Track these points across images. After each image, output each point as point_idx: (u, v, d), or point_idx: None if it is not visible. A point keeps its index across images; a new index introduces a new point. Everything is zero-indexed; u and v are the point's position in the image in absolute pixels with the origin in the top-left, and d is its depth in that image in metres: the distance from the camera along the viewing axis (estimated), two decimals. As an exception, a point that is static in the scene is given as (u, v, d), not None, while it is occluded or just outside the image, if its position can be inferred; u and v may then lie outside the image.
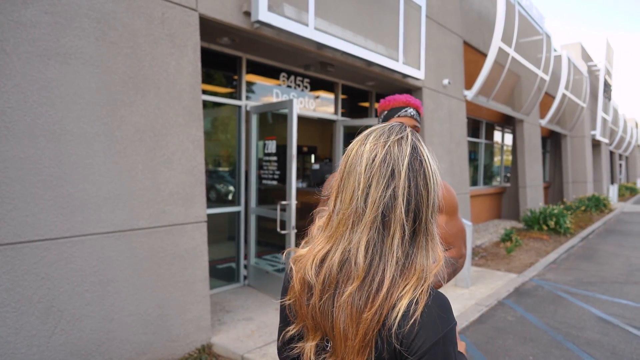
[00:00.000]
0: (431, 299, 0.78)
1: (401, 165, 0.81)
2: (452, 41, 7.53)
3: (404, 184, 0.80)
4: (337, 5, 4.71)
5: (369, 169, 0.82)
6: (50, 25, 2.64)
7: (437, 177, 0.85)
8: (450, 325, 0.78)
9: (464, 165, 7.91)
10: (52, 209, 2.64)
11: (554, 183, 16.84)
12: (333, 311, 0.82)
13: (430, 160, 0.85)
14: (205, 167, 4.94)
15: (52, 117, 2.64)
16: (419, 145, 0.85)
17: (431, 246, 0.84)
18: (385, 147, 0.83)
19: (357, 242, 0.81)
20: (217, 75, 4.90)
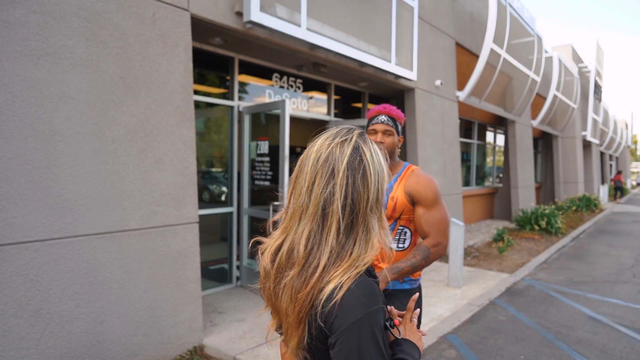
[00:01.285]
0: (355, 284, 0.85)
1: (340, 164, 0.90)
2: (445, 42, 7.57)
3: (342, 182, 0.89)
4: (330, 6, 4.72)
5: (314, 168, 0.91)
6: (39, 24, 2.61)
7: (378, 176, 0.93)
8: (369, 309, 0.84)
9: (456, 165, 7.94)
10: (41, 210, 2.61)
11: (545, 183, 16.97)
12: (279, 292, 0.93)
13: (372, 160, 0.93)
14: (197, 168, 4.92)
15: (42, 117, 2.62)
16: (362, 147, 0.93)
17: (368, 237, 0.91)
18: (329, 148, 0.92)
19: (300, 232, 0.91)
20: (209, 75, 4.89)
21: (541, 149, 16.94)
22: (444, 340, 3.83)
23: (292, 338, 0.91)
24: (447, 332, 3.98)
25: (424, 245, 1.95)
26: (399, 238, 2.02)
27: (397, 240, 2.02)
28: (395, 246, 2.02)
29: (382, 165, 0.95)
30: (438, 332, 3.96)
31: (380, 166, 0.94)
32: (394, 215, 1.99)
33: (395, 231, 2.01)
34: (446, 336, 3.91)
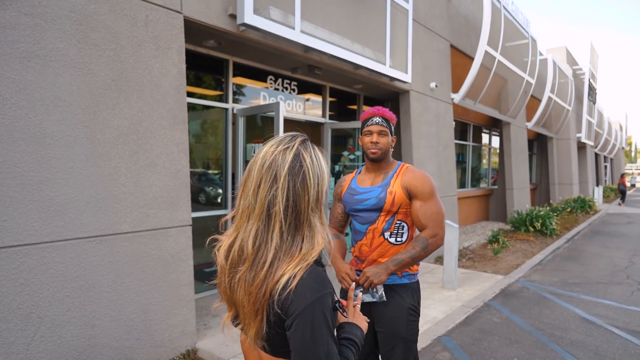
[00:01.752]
0: (306, 273, 0.97)
1: (282, 170, 1.01)
2: (439, 45, 7.59)
3: (284, 186, 1.00)
4: (324, 9, 4.72)
5: (259, 173, 1.03)
6: (30, 27, 2.60)
7: (318, 179, 1.04)
8: (320, 293, 0.96)
9: (451, 167, 7.96)
10: (32, 213, 2.59)
11: (540, 185, 17.04)
12: (234, 286, 1.05)
13: (312, 165, 1.03)
14: (192, 170, 4.91)
15: (32, 120, 2.60)
16: (302, 153, 1.04)
17: (312, 234, 1.03)
18: (272, 155, 1.03)
19: (249, 231, 1.02)
20: (203, 78, 4.88)
21: (536, 150, 17.01)
22: (438, 342, 3.83)
23: (251, 327, 1.02)
24: (441, 335, 3.98)
25: (422, 236, 2.03)
26: (396, 232, 2.08)
27: (395, 234, 2.08)
28: (394, 240, 2.08)
29: (323, 169, 1.06)
30: (432, 334, 3.96)
31: (320, 170, 1.05)
32: (392, 210, 2.05)
33: (393, 225, 2.07)
34: (440, 338, 3.91)
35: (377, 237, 2.08)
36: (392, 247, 2.07)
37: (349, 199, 2.17)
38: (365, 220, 2.10)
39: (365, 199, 2.10)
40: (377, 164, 2.15)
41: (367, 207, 2.09)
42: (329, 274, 3.63)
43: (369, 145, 2.11)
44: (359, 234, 2.15)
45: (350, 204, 2.16)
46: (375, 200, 2.06)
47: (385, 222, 2.07)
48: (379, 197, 2.06)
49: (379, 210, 2.06)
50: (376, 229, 2.08)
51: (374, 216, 2.08)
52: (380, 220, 2.07)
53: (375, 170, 2.17)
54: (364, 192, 2.12)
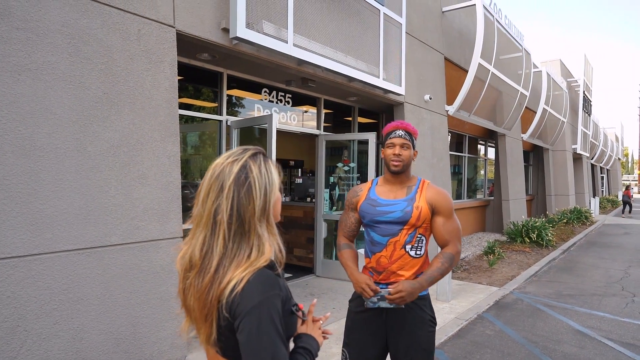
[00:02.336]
0: (254, 276, 1.01)
1: (228, 180, 1.06)
2: (434, 57, 7.67)
3: (228, 195, 1.05)
4: (317, 22, 4.77)
5: (209, 183, 1.08)
6: (21, 41, 2.63)
7: (265, 190, 1.08)
8: (266, 295, 1.00)
9: (446, 179, 7.98)
10: (20, 225, 2.59)
11: (537, 196, 17.07)
12: (187, 293, 1.09)
13: (260, 176, 1.08)
14: (185, 182, 4.91)
15: (22, 133, 2.62)
16: (250, 165, 1.09)
17: (260, 243, 1.06)
18: (221, 166, 1.09)
19: (197, 238, 1.08)
20: (198, 90, 4.91)
21: (532, 161, 17.08)
22: (430, 355, 3.81)
23: (201, 332, 1.06)
24: (433, 347, 3.95)
25: (448, 252, 2.08)
26: (417, 245, 2.10)
27: (416, 247, 2.10)
28: (414, 253, 2.10)
29: (272, 181, 1.11)
30: (424, 347, 3.93)
31: (269, 181, 1.10)
32: (416, 224, 2.08)
33: (415, 239, 2.09)
34: (432, 351, 3.88)
35: (398, 250, 2.08)
36: (412, 259, 2.09)
37: (369, 210, 2.16)
38: (386, 232, 2.10)
39: (389, 212, 2.10)
40: (398, 176, 2.16)
41: (391, 219, 2.09)
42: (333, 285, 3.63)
43: (391, 157, 2.13)
44: (378, 245, 2.13)
45: (371, 215, 2.14)
46: (400, 214, 2.08)
47: (408, 235, 2.08)
48: (405, 210, 2.08)
49: (403, 223, 2.08)
50: (398, 241, 2.08)
51: (396, 229, 2.08)
52: (402, 233, 2.08)
53: (396, 183, 2.18)
54: (387, 204, 2.12)
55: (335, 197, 6.67)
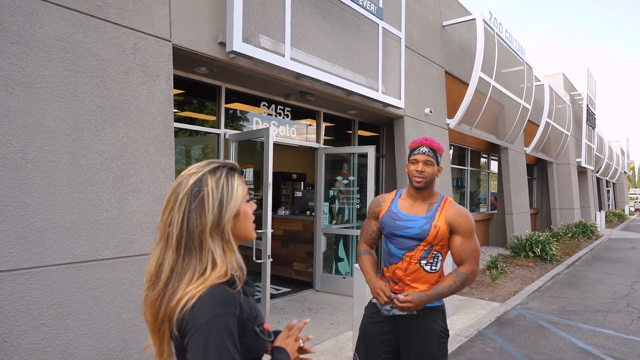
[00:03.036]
0: (205, 293, 0.99)
1: (182, 193, 1.06)
2: (434, 71, 7.68)
3: (180, 208, 1.05)
4: (315, 37, 4.80)
5: (169, 197, 1.09)
6: (15, 55, 2.64)
7: (220, 205, 1.06)
8: (215, 312, 0.97)
9: (447, 192, 7.93)
10: (9, 239, 2.58)
11: (541, 210, 16.92)
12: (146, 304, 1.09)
13: (216, 190, 1.06)
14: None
15: (14, 146, 2.62)
16: (207, 179, 1.07)
17: (213, 258, 1.04)
18: (180, 179, 1.09)
19: (155, 250, 1.08)
20: (196, 103, 4.93)
21: (536, 175, 16.97)
22: (428, 373, 3.72)
23: (155, 346, 1.05)
24: (432, 365, 3.87)
25: (463, 272, 2.13)
26: (432, 261, 2.17)
27: (431, 263, 2.16)
28: (429, 268, 2.16)
29: (231, 196, 1.08)
30: (423, 364, 3.85)
31: (227, 196, 1.07)
32: (433, 242, 2.14)
33: (431, 255, 2.15)
34: (431, 369, 3.80)
35: (413, 264, 2.16)
36: (427, 274, 2.15)
37: (389, 222, 2.22)
38: (403, 246, 2.16)
39: (407, 227, 2.16)
40: (421, 192, 2.20)
41: (408, 234, 2.15)
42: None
43: (414, 173, 2.18)
44: (395, 257, 2.20)
45: (390, 228, 2.21)
46: (418, 231, 2.13)
47: (423, 251, 2.14)
48: (423, 228, 2.13)
49: (419, 240, 2.13)
50: (413, 256, 2.15)
51: (412, 244, 2.15)
52: (418, 249, 2.14)
53: (418, 199, 2.23)
54: (407, 219, 2.19)
55: (335, 210, 6.63)
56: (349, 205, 6.58)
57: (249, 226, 1.15)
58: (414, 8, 7.07)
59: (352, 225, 6.54)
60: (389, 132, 7.52)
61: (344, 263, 6.45)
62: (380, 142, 8.02)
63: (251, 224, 1.16)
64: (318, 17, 4.84)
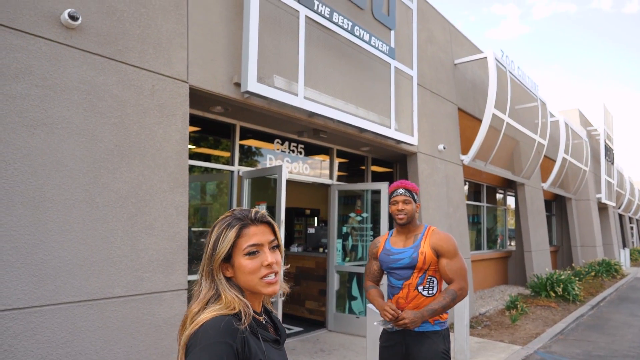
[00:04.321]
0: (207, 322, 1.09)
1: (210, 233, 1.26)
2: (447, 108, 7.73)
3: (205, 244, 1.24)
4: (327, 76, 4.91)
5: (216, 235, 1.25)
6: (39, 97, 2.76)
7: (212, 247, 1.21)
8: (211, 340, 1.06)
9: (463, 229, 7.80)
10: (23, 276, 2.60)
11: (562, 247, 16.45)
12: None
13: (214, 235, 1.22)
14: (194, 231, 4.92)
15: (33, 185, 2.69)
16: (217, 224, 1.25)
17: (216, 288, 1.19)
18: None
19: None
20: (211, 141, 5.03)
21: (555, 211, 16.61)
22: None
23: None
24: (449, 413, 3.68)
25: (451, 289, 2.44)
26: (428, 286, 2.48)
27: (427, 287, 2.48)
28: (427, 293, 2.47)
29: (219, 245, 1.21)
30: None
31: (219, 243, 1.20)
32: (424, 267, 2.47)
33: (425, 280, 2.48)
34: (448, 417, 3.61)
35: (412, 291, 2.48)
36: (426, 299, 2.46)
37: (385, 259, 2.59)
38: (401, 277, 2.50)
39: (399, 259, 2.51)
40: (406, 227, 2.56)
41: (402, 265, 2.49)
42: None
43: (396, 212, 2.54)
44: (395, 288, 2.53)
45: (387, 263, 2.57)
46: (408, 260, 2.47)
47: (418, 277, 2.47)
48: (412, 256, 2.47)
49: (412, 268, 2.47)
50: (411, 284, 2.47)
51: (408, 273, 2.48)
52: (414, 276, 2.47)
53: (405, 233, 2.59)
54: (398, 252, 2.54)
55: (348, 247, 6.56)
56: (362, 242, 6.51)
57: (248, 279, 1.20)
58: (425, 47, 7.21)
59: (366, 263, 6.43)
60: (403, 168, 7.52)
61: (358, 302, 6.31)
62: (394, 178, 8.00)
63: (255, 278, 1.20)
64: (331, 57, 4.97)
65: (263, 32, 4.11)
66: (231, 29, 4.04)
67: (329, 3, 4.90)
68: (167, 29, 3.51)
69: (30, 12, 2.76)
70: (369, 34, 5.43)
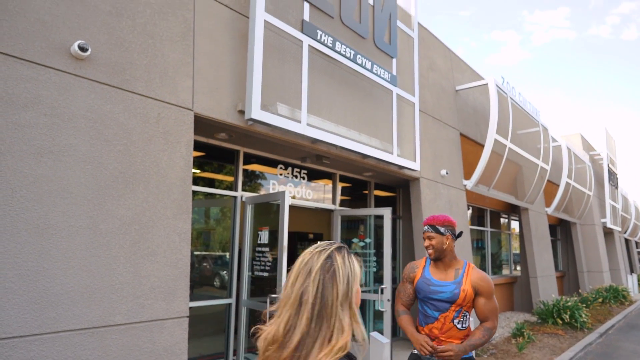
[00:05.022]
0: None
1: (315, 266, 1.20)
2: (449, 134, 7.79)
3: (315, 278, 1.17)
4: (330, 103, 4.98)
5: (298, 268, 1.22)
6: (47, 125, 2.82)
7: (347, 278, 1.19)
8: None
9: (467, 254, 7.73)
10: (25, 304, 2.60)
11: (568, 272, 16.23)
12: None
13: (343, 266, 1.21)
14: (197, 257, 4.92)
15: (38, 212, 2.71)
16: (335, 255, 1.23)
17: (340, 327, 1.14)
18: (310, 255, 1.24)
19: (283, 316, 1.17)
20: (215, 167, 5.08)
21: (560, 236, 16.47)
22: None
23: None
24: None
25: (488, 327, 2.62)
26: (462, 320, 2.64)
27: (462, 322, 2.64)
28: (461, 326, 2.63)
29: (355, 272, 1.23)
30: None
31: (352, 271, 1.22)
32: (462, 304, 2.60)
33: (461, 315, 2.63)
34: None
35: (447, 323, 2.62)
36: (459, 331, 2.61)
37: (424, 288, 2.69)
38: (438, 309, 2.63)
39: (440, 292, 2.63)
40: (441, 261, 2.70)
41: (441, 298, 2.61)
42: None
43: (426, 249, 2.70)
44: (430, 318, 2.66)
45: (425, 292, 2.68)
46: (449, 295, 2.60)
47: (455, 311, 2.61)
48: (454, 292, 2.59)
49: (451, 302, 2.60)
50: (447, 316, 2.61)
51: (446, 306, 2.61)
52: (451, 309, 2.61)
53: (444, 266, 2.71)
54: (439, 285, 2.65)
55: (351, 273, 6.49)
56: (366, 268, 6.46)
57: (359, 300, 1.26)
58: (427, 74, 7.32)
59: (369, 289, 6.37)
60: (406, 193, 7.53)
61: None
62: (397, 202, 8.00)
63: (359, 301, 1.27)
64: (334, 84, 5.06)
65: (267, 61, 4.20)
66: (236, 58, 4.14)
67: (332, 32, 5.02)
68: (173, 59, 3.60)
69: (42, 43, 2.85)
70: (371, 62, 5.54)
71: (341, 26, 5.19)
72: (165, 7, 3.60)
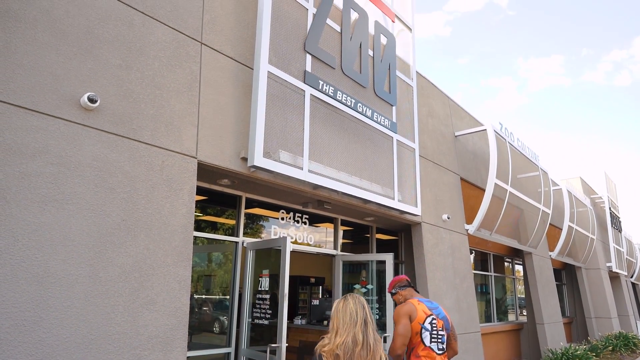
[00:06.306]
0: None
1: (363, 305, 2.25)
2: (450, 178, 7.85)
3: (366, 309, 2.24)
4: (331, 150, 5.06)
5: (353, 307, 2.22)
6: (53, 174, 2.86)
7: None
8: None
9: (471, 301, 7.58)
10: (19, 355, 2.54)
11: (576, 318, 15.81)
12: None
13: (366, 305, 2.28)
14: (197, 303, 4.84)
15: (38, 260, 2.71)
16: (363, 303, 2.28)
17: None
18: (354, 300, 2.27)
19: (349, 332, 2.14)
20: (216, 212, 5.10)
21: (565, 280, 16.18)
22: None
23: None
24: None
25: None
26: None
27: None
28: None
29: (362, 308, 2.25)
30: None
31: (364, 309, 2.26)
32: None
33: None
34: None
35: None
36: None
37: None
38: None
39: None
40: None
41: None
42: None
43: None
44: None
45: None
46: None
47: None
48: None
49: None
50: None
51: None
52: None
53: None
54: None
55: (352, 320, 6.35)
56: (368, 315, 6.32)
57: None
58: (426, 121, 7.48)
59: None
60: (408, 236, 7.49)
61: None
62: (399, 246, 7.94)
63: None
64: (335, 131, 5.16)
65: (270, 110, 4.31)
66: (239, 107, 4.25)
67: (333, 82, 5.18)
68: (179, 109, 3.71)
69: (52, 95, 2.95)
70: (371, 110, 5.68)
71: (342, 76, 5.37)
72: (173, 59, 3.75)
